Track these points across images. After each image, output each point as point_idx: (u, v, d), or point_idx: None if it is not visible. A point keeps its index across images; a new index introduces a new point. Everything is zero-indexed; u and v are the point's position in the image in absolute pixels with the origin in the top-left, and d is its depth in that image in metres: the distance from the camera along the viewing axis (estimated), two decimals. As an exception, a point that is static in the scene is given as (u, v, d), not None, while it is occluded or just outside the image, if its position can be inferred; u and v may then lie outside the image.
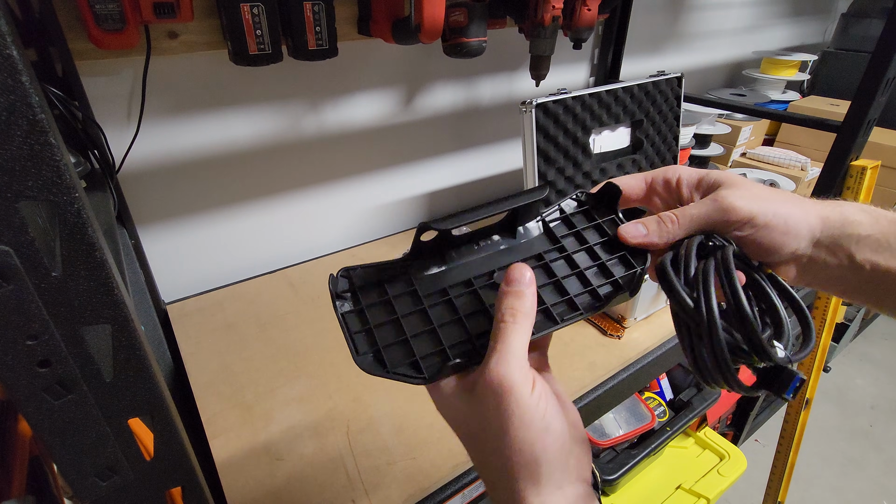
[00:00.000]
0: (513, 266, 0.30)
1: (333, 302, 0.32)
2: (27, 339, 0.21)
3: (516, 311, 0.28)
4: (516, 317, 0.28)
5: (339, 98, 0.95)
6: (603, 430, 1.14)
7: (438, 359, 0.31)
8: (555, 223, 0.37)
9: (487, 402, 0.27)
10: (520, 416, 0.26)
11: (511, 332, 0.28)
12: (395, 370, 0.30)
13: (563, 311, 0.33)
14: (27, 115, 0.18)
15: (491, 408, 0.27)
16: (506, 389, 0.26)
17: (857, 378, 2.03)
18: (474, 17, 0.78)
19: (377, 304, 0.33)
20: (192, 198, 0.88)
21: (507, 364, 0.27)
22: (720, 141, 1.48)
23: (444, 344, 0.31)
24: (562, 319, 0.32)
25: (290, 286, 0.93)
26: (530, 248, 0.36)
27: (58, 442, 0.24)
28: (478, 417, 0.28)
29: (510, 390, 0.26)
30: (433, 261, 0.35)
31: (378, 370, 0.30)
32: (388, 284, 0.33)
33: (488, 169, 1.24)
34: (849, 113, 0.90)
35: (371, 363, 0.30)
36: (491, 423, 0.27)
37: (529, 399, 0.26)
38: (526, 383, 0.27)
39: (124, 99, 0.75)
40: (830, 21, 2.11)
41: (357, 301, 0.33)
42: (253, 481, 0.58)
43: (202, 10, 0.69)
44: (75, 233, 0.21)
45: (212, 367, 0.74)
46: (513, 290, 0.29)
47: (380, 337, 0.31)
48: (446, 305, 0.33)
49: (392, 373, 0.30)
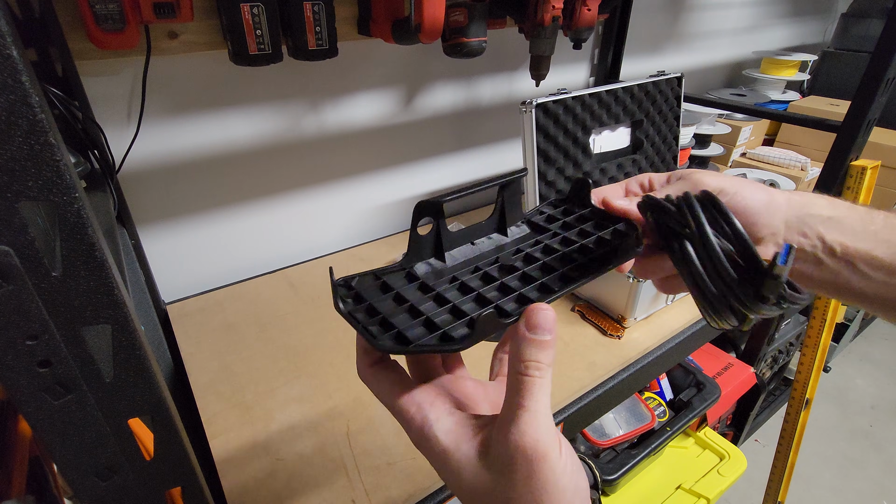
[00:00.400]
0: (533, 308, 0.26)
1: (335, 299, 0.30)
2: (27, 339, 0.21)
3: (542, 364, 0.25)
4: (542, 370, 0.25)
5: (339, 98, 0.95)
6: (603, 430, 1.14)
7: (491, 312, 0.27)
8: (538, 219, 0.39)
9: (516, 469, 0.24)
10: (555, 483, 0.24)
11: (538, 388, 0.24)
12: (423, 342, 0.27)
13: (578, 275, 0.32)
14: (27, 115, 0.18)
15: (521, 476, 0.24)
16: (540, 455, 0.23)
17: (857, 378, 2.03)
18: (474, 17, 0.78)
19: (384, 299, 0.31)
20: (192, 198, 0.88)
21: (539, 426, 0.24)
22: (720, 141, 1.48)
23: (470, 314, 0.29)
24: (578, 279, 0.32)
25: (290, 286, 0.93)
26: (524, 241, 0.37)
27: (58, 442, 0.24)
28: (502, 487, 0.24)
29: (545, 457, 0.23)
30: (431, 256, 0.35)
31: (401, 348, 0.27)
32: (389, 281, 0.33)
33: (488, 169, 1.24)
34: (849, 113, 0.90)
35: (391, 343, 0.28)
36: (522, 493, 0.24)
37: (560, 463, 0.24)
38: (556, 444, 0.24)
39: (124, 99, 0.75)
40: (830, 21, 2.11)
41: (359, 299, 0.31)
42: (253, 481, 0.58)
43: (202, 10, 0.69)
44: (75, 233, 0.21)
45: (212, 367, 0.74)
46: (537, 340, 0.25)
47: (397, 322, 0.29)
48: (459, 287, 0.32)
49: (420, 345, 0.27)
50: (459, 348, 0.27)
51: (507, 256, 0.35)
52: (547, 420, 0.24)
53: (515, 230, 0.38)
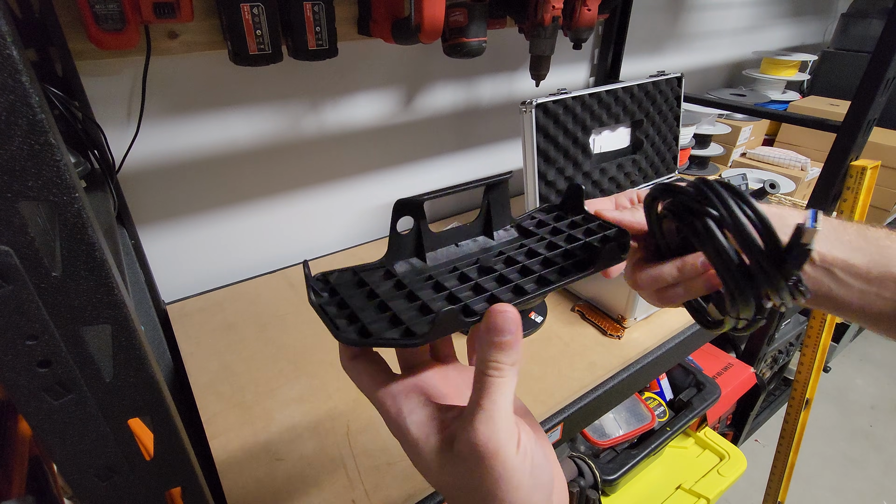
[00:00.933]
0: (493, 310, 0.26)
1: (308, 292, 0.31)
2: (27, 340, 0.21)
3: (501, 364, 0.25)
4: (501, 370, 0.25)
5: (339, 98, 0.95)
6: (603, 430, 1.14)
7: (452, 310, 0.28)
8: (528, 223, 0.39)
9: (470, 464, 0.25)
10: (507, 480, 0.24)
11: (496, 387, 0.25)
12: (384, 336, 0.28)
13: (556, 278, 0.32)
14: (27, 115, 0.18)
15: (476, 470, 0.25)
16: (491, 452, 0.24)
17: (857, 378, 2.03)
18: (474, 17, 0.78)
19: (357, 294, 0.32)
20: (193, 198, 0.88)
21: (494, 424, 0.24)
22: (720, 141, 1.48)
23: (436, 311, 0.29)
24: (555, 282, 0.31)
25: (290, 286, 0.93)
26: (509, 244, 0.37)
27: (58, 442, 0.24)
28: (462, 480, 0.26)
29: (496, 454, 0.24)
30: (413, 256, 0.35)
31: (363, 341, 0.28)
32: (366, 277, 0.34)
33: (488, 169, 1.24)
34: (849, 113, 0.90)
35: (354, 336, 0.28)
36: (477, 487, 0.25)
37: (515, 459, 0.25)
38: (511, 442, 0.25)
39: (124, 99, 0.75)
40: (830, 21, 2.11)
41: (334, 293, 0.32)
42: (253, 481, 0.58)
43: (202, 10, 0.69)
44: (75, 233, 0.21)
45: (212, 367, 0.74)
46: (497, 341, 0.25)
47: (363, 316, 0.29)
48: (433, 286, 0.32)
49: (380, 339, 0.28)
50: (417, 343, 0.27)
51: (488, 258, 0.35)
52: (502, 419, 0.25)
53: (503, 234, 0.38)
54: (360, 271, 0.34)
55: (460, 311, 0.28)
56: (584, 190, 0.39)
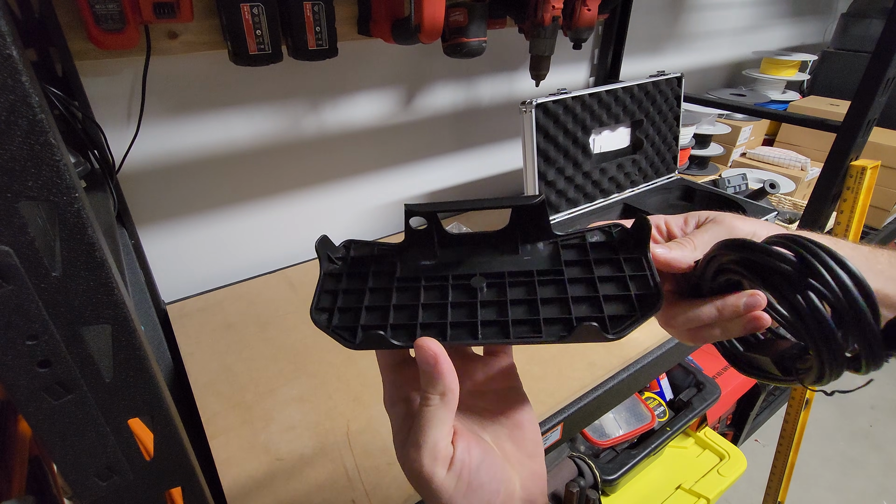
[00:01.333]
0: (418, 343, 0.28)
1: (319, 259, 0.35)
2: (27, 340, 0.21)
3: (429, 395, 0.28)
4: (429, 400, 0.28)
5: (339, 98, 0.95)
6: (603, 430, 1.14)
7: (379, 333, 0.30)
8: (568, 248, 0.35)
9: (413, 484, 0.29)
10: (437, 497, 0.28)
11: (426, 417, 0.28)
12: (335, 328, 0.32)
13: (523, 332, 0.30)
14: (27, 115, 0.18)
15: (418, 488, 0.29)
16: (425, 479, 0.27)
17: (857, 378, 2.02)
18: (474, 17, 0.78)
19: (356, 275, 0.35)
20: (193, 198, 0.88)
21: (419, 452, 0.27)
22: (720, 141, 1.48)
23: (389, 321, 0.31)
24: (516, 338, 0.30)
25: (290, 286, 0.93)
26: (525, 265, 0.34)
27: (58, 442, 0.24)
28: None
29: (429, 480, 0.27)
30: (425, 252, 0.35)
31: (321, 325, 0.32)
32: (375, 261, 0.35)
33: (488, 169, 1.24)
34: (849, 113, 0.90)
35: (319, 317, 0.32)
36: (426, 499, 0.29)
37: (445, 480, 0.27)
38: (437, 464, 0.27)
39: (124, 99, 0.75)
40: (830, 21, 2.11)
41: (344, 265, 0.35)
42: (253, 482, 0.58)
43: (202, 10, 0.69)
44: (75, 233, 0.21)
45: (212, 367, 0.74)
46: (425, 372, 0.28)
47: (342, 300, 0.33)
48: (411, 292, 0.33)
49: (331, 330, 0.31)
50: (349, 346, 0.31)
51: (478, 280, 0.33)
52: (428, 447, 0.27)
53: (529, 249, 0.35)
54: (380, 249, 0.36)
55: (390, 335, 0.30)
56: (651, 227, 0.33)
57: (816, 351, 0.27)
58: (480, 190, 1.24)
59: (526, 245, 0.35)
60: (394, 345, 0.30)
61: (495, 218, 1.17)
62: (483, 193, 1.25)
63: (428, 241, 0.35)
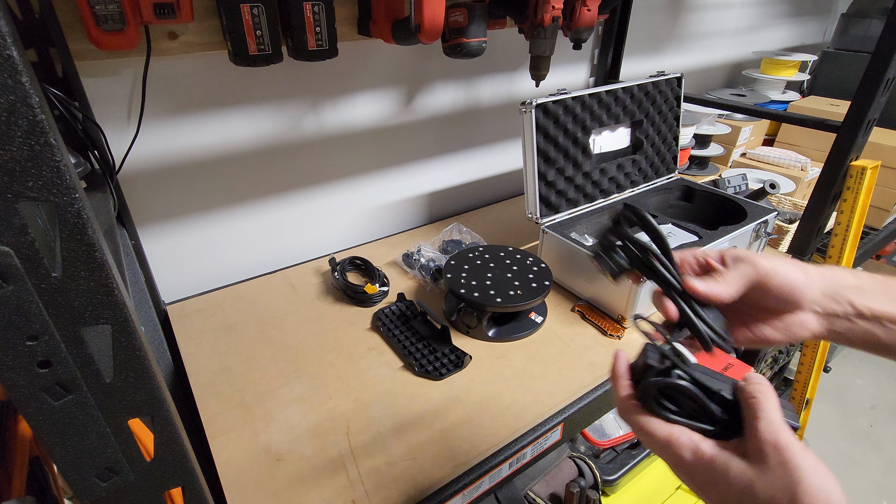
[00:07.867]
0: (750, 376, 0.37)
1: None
2: (27, 340, 0.21)
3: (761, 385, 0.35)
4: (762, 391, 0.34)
5: (339, 98, 0.95)
6: (603, 430, 1.14)
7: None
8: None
9: (769, 460, 0.31)
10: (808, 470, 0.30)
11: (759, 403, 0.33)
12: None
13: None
14: (27, 115, 0.18)
15: (773, 462, 0.31)
16: (783, 446, 0.30)
17: (857, 378, 2.03)
18: (474, 18, 0.78)
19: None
20: (192, 198, 0.88)
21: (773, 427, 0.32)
22: (720, 141, 1.48)
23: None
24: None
25: (290, 286, 0.93)
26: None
27: (58, 442, 0.24)
28: (762, 474, 0.31)
29: (787, 446, 0.30)
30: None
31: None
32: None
33: (488, 169, 1.24)
34: (849, 113, 0.90)
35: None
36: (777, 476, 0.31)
37: (805, 458, 0.30)
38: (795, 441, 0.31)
39: (124, 99, 0.75)
40: (830, 21, 2.11)
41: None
42: (253, 482, 0.58)
43: (202, 10, 0.69)
44: (75, 233, 0.21)
45: (212, 367, 0.74)
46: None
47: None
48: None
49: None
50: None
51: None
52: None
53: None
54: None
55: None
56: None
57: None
58: (480, 190, 1.24)
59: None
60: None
61: (495, 218, 1.17)
62: (483, 194, 1.25)
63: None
